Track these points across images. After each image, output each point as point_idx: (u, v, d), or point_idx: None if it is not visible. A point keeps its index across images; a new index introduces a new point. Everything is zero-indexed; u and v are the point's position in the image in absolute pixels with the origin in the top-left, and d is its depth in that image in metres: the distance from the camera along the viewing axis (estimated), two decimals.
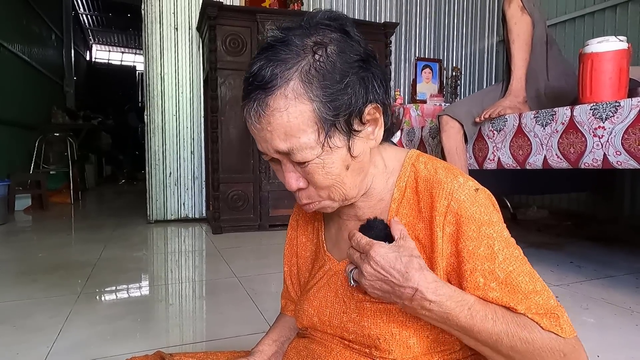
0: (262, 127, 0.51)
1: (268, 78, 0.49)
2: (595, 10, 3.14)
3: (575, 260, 2.08)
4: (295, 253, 0.75)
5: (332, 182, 0.54)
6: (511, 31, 1.91)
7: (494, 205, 0.55)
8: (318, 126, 0.50)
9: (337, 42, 0.52)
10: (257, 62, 0.51)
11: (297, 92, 0.49)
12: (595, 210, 3.24)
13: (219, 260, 2.17)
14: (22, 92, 4.79)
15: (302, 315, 0.66)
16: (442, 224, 0.53)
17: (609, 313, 1.42)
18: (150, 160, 3.23)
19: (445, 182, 0.55)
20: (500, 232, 0.53)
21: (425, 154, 0.62)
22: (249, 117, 0.52)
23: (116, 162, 8.53)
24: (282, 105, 0.49)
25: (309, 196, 0.56)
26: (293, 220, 0.76)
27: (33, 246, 2.51)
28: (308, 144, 0.51)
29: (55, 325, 1.32)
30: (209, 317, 1.46)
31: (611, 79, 1.48)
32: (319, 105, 0.50)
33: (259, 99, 0.50)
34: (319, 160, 0.52)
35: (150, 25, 3.17)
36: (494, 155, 1.90)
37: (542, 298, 0.51)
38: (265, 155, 0.55)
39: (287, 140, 0.50)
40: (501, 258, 0.52)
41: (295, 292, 0.76)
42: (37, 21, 5.64)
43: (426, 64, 3.81)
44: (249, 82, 0.52)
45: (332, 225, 0.68)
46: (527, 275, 0.52)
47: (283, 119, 0.50)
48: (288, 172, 0.55)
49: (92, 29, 10.32)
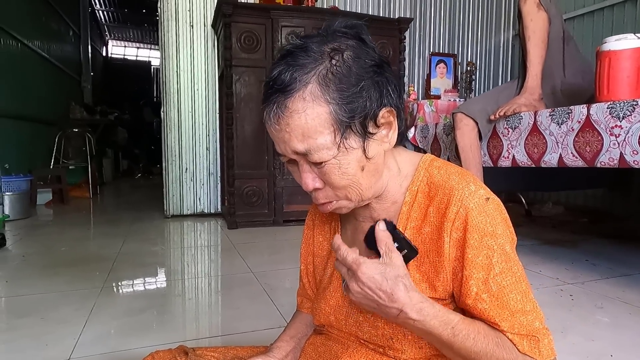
0: (281, 128, 0.53)
1: (287, 82, 0.52)
2: (614, 4, 3.08)
3: (590, 258, 2.07)
4: (311, 252, 0.77)
5: (348, 182, 0.56)
6: (527, 28, 1.89)
7: (502, 216, 0.56)
8: (334, 128, 0.52)
9: (353, 48, 0.54)
10: (277, 67, 0.54)
11: (314, 94, 0.51)
12: (611, 207, 3.20)
13: (234, 255, 2.21)
14: (41, 88, 4.90)
15: (319, 313, 0.69)
16: (450, 230, 0.55)
17: (624, 312, 1.42)
18: (167, 156, 3.29)
19: (456, 188, 0.56)
20: (501, 245, 0.54)
21: (439, 159, 0.63)
22: (269, 119, 0.55)
23: (132, 157, 8.67)
24: (300, 108, 0.52)
25: (327, 196, 0.58)
26: (309, 220, 0.78)
27: (55, 240, 2.59)
28: (325, 145, 0.52)
29: (81, 318, 1.38)
30: (226, 311, 1.50)
31: (629, 77, 1.46)
32: (336, 108, 0.52)
33: (279, 102, 0.53)
34: (335, 161, 0.54)
35: (166, 22, 3.21)
36: (508, 153, 1.90)
37: (527, 319, 0.53)
38: (283, 157, 0.57)
39: (305, 141, 0.52)
40: (497, 270, 0.54)
41: (311, 290, 0.78)
42: (56, 18, 5.74)
43: (440, 59, 3.79)
44: (269, 86, 0.54)
45: (349, 226, 0.69)
46: (520, 294, 0.54)
47: (301, 121, 0.52)
48: (305, 172, 0.56)
49: (108, 25, 10.45)
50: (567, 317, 1.38)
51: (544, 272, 1.86)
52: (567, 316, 1.39)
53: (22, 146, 4.24)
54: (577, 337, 1.23)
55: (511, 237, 0.57)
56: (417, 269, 0.58)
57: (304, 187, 0.58)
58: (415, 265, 0.58)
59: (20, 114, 4.17)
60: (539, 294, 1.60)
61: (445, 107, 3.21)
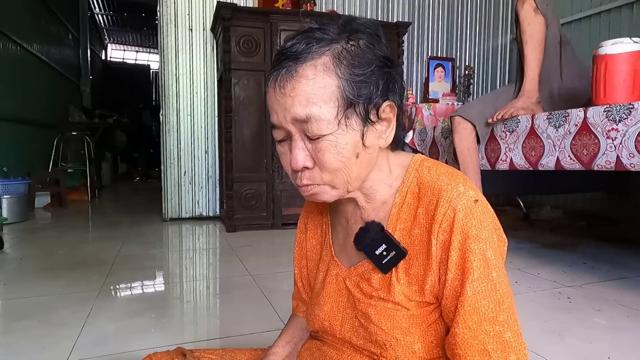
0: (285, 92, 0.53)
1: (301, 50, 0.53)
2: (611, 8, 3.10)
3: (588, 261, 2.08)
4: (304, 255, 0.76)
5: (341, 165, 0.54)
6: (524, 32, 1.90)
7: (489, 220, 0.55)
8: (339, 103, 0.52)
9: (368, 37, 0.56)
10: (294, 39, 0.54)
11: (326, 66, 0.52)
12: (609, 210, 3.20)
13: (233, 258, 2.21)
14: (41, 91, 4.91)
15: (313, 319, 0.68)
16: (437, 232, 0.54)
17: (622, 315, 1.42)
18: (166, 160, 3.30)
19: (445, 189, 0.55)
20: (483, 250, 0.52)
21: (430, 159, 0.62)
22: (274, 84, 0.54)
23: (131, 160, 8.67)
24: (310, 74, 0.52)
25: (312, 177, 0.56)
26: (301, 223, 0.77)
27: (53, 243, 2.59)
28: (326, 117, 0.52)
29: (79, 320, 1.38)
30: (224, 314, 1.50)
31: (625, 81, 1.47)
32: (344, 84, 0.52)
33: (289, 67, 0.53)
34: (333, 138, 0.53)
35: (165, 26, 3.22)
36: (506, 156, 1.91)
37: (495, 329, 0.51)
38: (277, 131, 0.56)
39: (308, 107, 0.52)
40: (475, 276, 0.52)
41: (306, 294, 0.77)
42: (55, 22, 5.76)
43: (439, 62, 3.80)
44: (281, 53, 0.54)
45: (340, 229, 0.68)
46: (494, 302, 0.52)
47: (308, 87, 0.52)
48: (297, 148, 0.55)
49: (107, 28, 10.48)
50: (565, 319, 1.39)
51: (542, 275, 1.86)
52: (565, 319, 1.39)
53: (21, 149, 4.24)
54: (575, 340, 1.24)
55: (497, 241, 0.55)
56: (405, 271, 0.58)
57: (293, 163, 0.55)
58: (404, 267, 0.58)
59: (20, 117, 4.18)
60: (537, 296, 1.60)
61: (444, 111, 3.22)
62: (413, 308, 0.57)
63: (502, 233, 0.57)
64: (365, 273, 0.62)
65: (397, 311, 0.57)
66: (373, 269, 0.60)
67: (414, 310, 0.57)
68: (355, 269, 0.63)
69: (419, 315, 0.57)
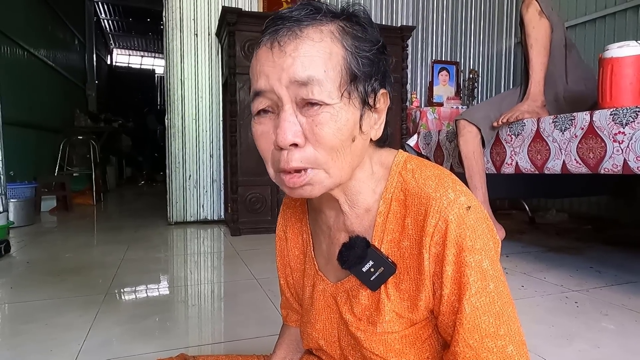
0: (284, 52, 0.46)
1: (305, 15, 0.48)
2: (616, 11, 3.09)
3: (595, 265, 2.06)
4: (287, 264, 0.71)
5: (339, 143, 0.48)
6: (529, 35, 1.91)
7: (483, 226, 0.50)
8: (342, 74, 0.47)
9: (368, 20, 0.52)
10: (291, 8, 0.49)
11: (333, 34, 0.48)
12: (616, 214, 3.18)
13: (237, 262, 2.21)
14: (47, 96, 4.95)
15: (307, 338, 0.65)
16: (429, 245, 0.50)
17: (629, 319, 1.41)
18: (171, 164, 3.31)
19: (434, 197, 0.50)
20: (479, 261, 0.48)
21: (413, 157, 0.56)
22: (269, 44, 0.48)
23: (136, 164, 8.72)
24: (316, 37, 0.47)
25: (305, 158, 0.48)
26: (280, 231, 0.72)
27: (59, 246, 2.60)
28: (329, 84, 0.47)
29: (85, 324, 1.38)
30: (229, 318, 1.50)
31: (632, 84, 1.47)
32: (350, 56, 0.48)
33: (292, 28, 0.47)
34: (334, 111, 0.47)
35: (170, 31, 3.24)
36: (511, 159, 1.90)
37: (497, 344, 0.48)
38: (261, 99, 0.49)
39: (310, 68, 0.46)
40: (473, 291, 0.48)
41: (297, 303, 0.73)
42: (61, 27, 5.82)
43: (443, 66, 3.81)
44: (278, 17, 0.49)
45: (323, 239, 0.62)
46: (493, 316, 0.48)
47: (313, 49, 0.46)
48: (287, 120, 0.47)
49: (113, 33, 10.58)
50: (573, 324, 1.37)
51: (548, 279, 1.85)
52: (573, 323, 1.38)
53: (27, 154, 4.27)
54: (583, 345, 1.23)
55: (492, 247, 0.50)
56: (396, 286, 0.53)
57: (280, 138, 0.47)
58: (394, 282, 0.53)
59: (26, 121, 4.21)
60: (544, 301, 1.59)
61: (448, 114, 3.22)
62: (404, 328, 0.54)
63: (495, 234, 0.52)
64: (353, 289, 0.58)
65: (389, 334, 0.54)
66: (361, 285, 0.56)
67: (406, 331, 0.54)
68: (342, 284, 0.59)
69: (411, 334, 0.54)
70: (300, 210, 0.68)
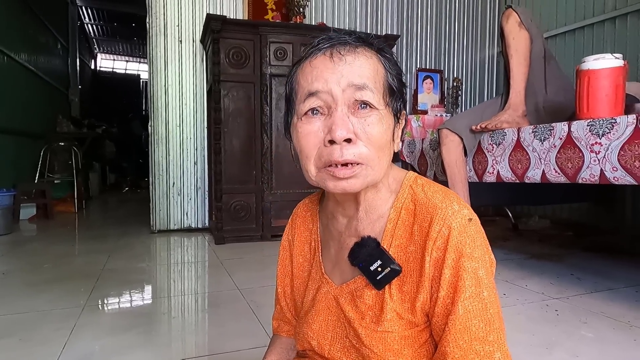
0: (344, 60, 0.55)
1: (355, 38, 0.57)
2: (594, 22, 3.17)
3: (575, 272, 2.09)
4: (289, 273, 0.74)
5: (385, 144, 0.56)
6: (509, 46, 1.94)
7: (482, 239, 0.55)
8: (385, 88, 0.57)
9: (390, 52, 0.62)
10: (341, 32, 0.58)
11: (376, 57, 0.57)
12: (596, 220, 3.24)
13: (221, 271, 2.19)
14: (28, 101, 4.85)
15: (302, 338, 0.67)
16: (431, 249, 0.54)
17: (608, 327, 1.43)
18: (154, 171, 3.27)
19: (440, 207, 0.55)
20: (475, 268, 0.53)
21: (423, 177, 0.63)
22: (329, 53, 0.55)
23: (120, 170, 8.59)
24: (367, 55, 0.56)
25: (358, 153, 0.53)
26: (285, 240, 0.75)
27: (38, 256, 2.54)
28: (376, 93, 0.55)
29: (61, 338, 1.34)
30: (211, 330, 1.48)
31: (607, 96, 1.50)
32: (390, 76, 0.58)
33: (347, 43, 0.56)
34: (380, 115, 0.55)
35: (154, 37, 3.22)
36: (493, 168, 1.93)
37: (485, 349, 0.51)
38: (314, 99, 0.55)
39: (364, 77, 0.54)
40: (467, 294, 0.52)
41: (290, 313, 0.75)
42: (44, 31, 5.72)
43: (427, 74, 3.85)
44: (331, 37, 0.57)
45: (332, 244, 0.67)
46: (484, 322, 0.52)
47: (367, 62, 0.55)
48: (342, 118, 0.53)
49: (97, 38, 10.44)
50: (553, 332, 1.39)
51: (530, 286, 1.87)
52: (553, 332, 1.40)
53: (6, 160, 4.18)
54: (562, 354, 1.24)
55: (489, 260, 0.55)
56: (399, 288, 0.57)
57: (337, 132, 0.52)
58: (397, 284, 0.57)
59: (6, 127, 4.12)
60: (525, 309, 1.61)
61: (432, 122, 3.25)
62: (404, 329, 0.56)
63: (491, 253, 0.57)
64: (357, 290, 0.61)
65: (389, 333, 0.57)
66: (366, 286, 0.59)
67: (405, 332, 0.56)
68: (347, 285, 0.62)
69: (410, 336, 0.56)
70: (310, 219, 0.72)
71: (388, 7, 3.84)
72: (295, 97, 0.58)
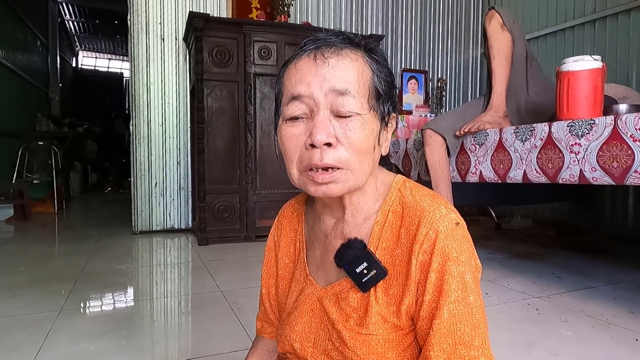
0: (327, 63, 0.54)
1: (342, 39, 0.56)
2: (575, 25, 3.23)
3: (556, 271, 2.12)
4: (274, 274, 0.73)
5: (367, 148, 0.55)
6: (492, 47, 1.95)
7: (469, 244, 0.55)
8: (370, 91, 0.55)
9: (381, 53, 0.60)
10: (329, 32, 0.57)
11: (364, 59, 0.56)
12: (577, 219, 3.30)
13: (204, 273, 2.16)
14: (5, 100, 4.73)
15: (283, 340, 0.66)
16: (418, 252, 0.54)
17: (587, 325, 1.45)
18: (136, 171, 3.21)
19: (427, 210, 0.55)
20: (462, 272, 0.53)
21: (411, 180, 0.63)
22: (313, 55, 0.54)
23: (102, 170, 8.43)
24: (353, 57, 0.55)
25: (337, 158, 0.53)
26: (270, 241, 0.75)
27: (14, 259, 2.47)
28: (361, 97, 0.54)
29: (34, 344, 1.30)
30: (192, 333, 1.45)
31: (587, 97, 1.52)
32: (377, 78, 0.56)
33: (332, 44, 0.55)
34: (363, 120, 0.54)
35: (136, 35, 3.16)
36: (476, 168, 1.94)
37: (470, 353, 0.51)
38: (298, 104, 0.54)
39: (347, 82, 0.53)
40: (452, 298, 0.52)
41: (274, 315, 0.75)
42: (22, 28, 5.58)
43: (412, 75, 3.86)
44: (317, 38, 0.56)
45: (318, 246, 0.66)
46: (470, 326, 0.52)
47: (351, 66, 0.54)
48: (323, 122, 0.53)
49: (78, 35, 10.23)
50: (533, 331, 1.40)
51: (512, 286, 1.89)
52: (533, 331, 1.41)
53: None
54: (542, 352, 1.25)
55: (475, 266, 0.55)
56: (385, 291, 0.57)
57: (317, 136, 0.52)
58: (383, 287, 0.57)
59: None
60: (507, 308, 1.62)
61: (417, 123, 3.27)
62: (388, 332, 0.56)
63: (477, 259, 0.57)
64: (342, 292, 0.60)
65: (372, 336, 0.56)
66: (351, 288, 0.59)
67: (389, 335, 0.56)
68: (332, 287, 0.61)
69: (394, 339, 0.56)
70: (296, 220, 0.71)
71: (373, 7, 3.84)
72: (282, 98, 0.58)
